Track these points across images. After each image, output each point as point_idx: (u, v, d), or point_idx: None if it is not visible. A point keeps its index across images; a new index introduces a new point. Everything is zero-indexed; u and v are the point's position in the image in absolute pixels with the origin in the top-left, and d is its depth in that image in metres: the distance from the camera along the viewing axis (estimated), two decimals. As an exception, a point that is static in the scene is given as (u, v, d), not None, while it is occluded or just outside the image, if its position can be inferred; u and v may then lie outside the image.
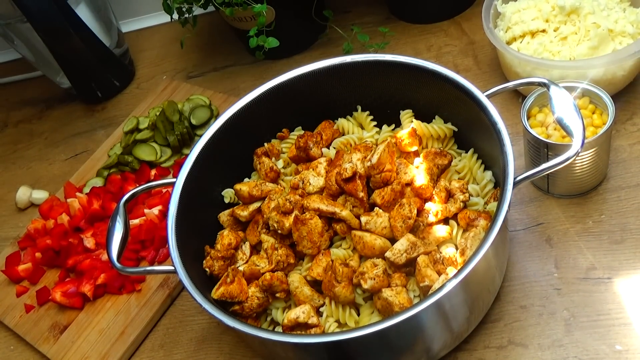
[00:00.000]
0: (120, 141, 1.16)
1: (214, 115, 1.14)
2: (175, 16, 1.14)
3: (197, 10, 1.14)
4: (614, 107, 0.82)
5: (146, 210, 1.01)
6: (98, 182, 1.10)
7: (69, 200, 1.06)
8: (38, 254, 1.02)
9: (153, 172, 1.10)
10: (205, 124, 1.12)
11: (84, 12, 1.20)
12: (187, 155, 0.84)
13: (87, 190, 1.09)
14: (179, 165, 1.06)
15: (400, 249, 0.74)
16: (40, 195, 1.14)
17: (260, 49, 1.07)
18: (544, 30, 0.96)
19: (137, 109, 1.22)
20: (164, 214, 1.01)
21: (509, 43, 0.99)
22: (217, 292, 0.75)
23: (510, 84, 0.81)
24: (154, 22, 1.41)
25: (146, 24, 1.42)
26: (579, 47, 0.92)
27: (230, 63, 1.26)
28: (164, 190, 1.04)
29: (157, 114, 1.14)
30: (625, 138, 0.91)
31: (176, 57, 1.32)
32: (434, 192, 0.80)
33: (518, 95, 1.00)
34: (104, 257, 0.97)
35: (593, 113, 0.85)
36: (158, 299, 0.93)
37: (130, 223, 0.97)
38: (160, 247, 0.98)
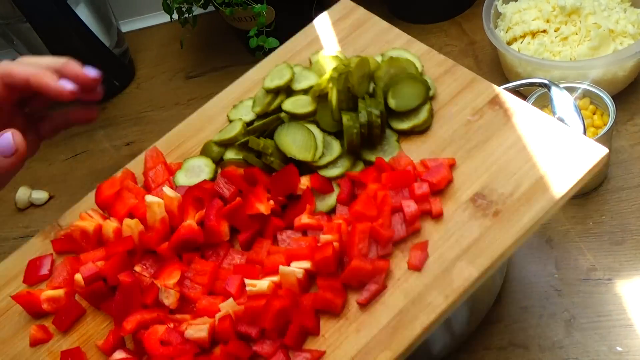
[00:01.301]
0: (258, 98, 0.67)
1: (428, 96, 0.65)
2: (175, 16, 1.14)
3: (197, 10, 1.14)
4: (615, 108, 0.82)
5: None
6: (205, 168, 0.62)
7: (148, 199, 0.58)
8: (79, 278, 0.58)
9: (304, 181, 0.61)
10: (411, 114, 0.64)
11: (83, 12, 1.20)
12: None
13: (180, 180, 0.62)
14: (350, 182, 0.61)
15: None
16: (39, 195, 1.14)
17: (260, 49, 1.06)
18: (544, 31, 0.96)
19: (291, 45, 0.70)
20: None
21: (509, 43, 0.98)
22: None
23: (510, 85, 0.81)
24: (154, 22, 1.41)
25: (146, 24, 1.42)
26: (579, 47, 0.92)
27: (230, 63, 1.26)
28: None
29: (337, 75, 0.62)
30: (626, 139, 0.91)
31: (176, 57, 1.32)
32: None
33: (519, 95, 1.00)
34: (190, 332, 0.54)
35: (594, 114, 0.85)
36: None
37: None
38: (299, 338, 0.54)
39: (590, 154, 0.57)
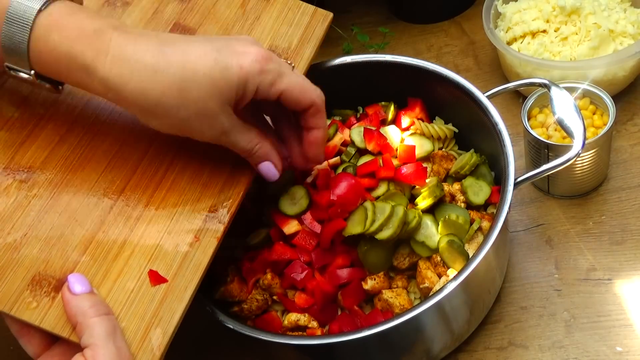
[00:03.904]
0: None
1: None
2: (175, 16, 1.14)
3: None
4: (615, 108, 0.82)
5: None
6: None
7: None
8: None
9: None
10: None
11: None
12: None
13: None
14: None
15: (403, 253, 0.74)
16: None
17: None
18: (544, 31, 0.96)
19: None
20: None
21: (509, 43, 0.98)
22: (217, 292, 0.75)
23: (510, 85, 0.81)
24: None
25: None
26: (579, 47, 0.92)
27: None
28: None
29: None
30: (626, 139, 0.91)
31: (176, 57, 1.32)
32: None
33: (519, 95, 1.00)
34: None
35: (594, 114, 0.85)
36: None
37: None
38: None
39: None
